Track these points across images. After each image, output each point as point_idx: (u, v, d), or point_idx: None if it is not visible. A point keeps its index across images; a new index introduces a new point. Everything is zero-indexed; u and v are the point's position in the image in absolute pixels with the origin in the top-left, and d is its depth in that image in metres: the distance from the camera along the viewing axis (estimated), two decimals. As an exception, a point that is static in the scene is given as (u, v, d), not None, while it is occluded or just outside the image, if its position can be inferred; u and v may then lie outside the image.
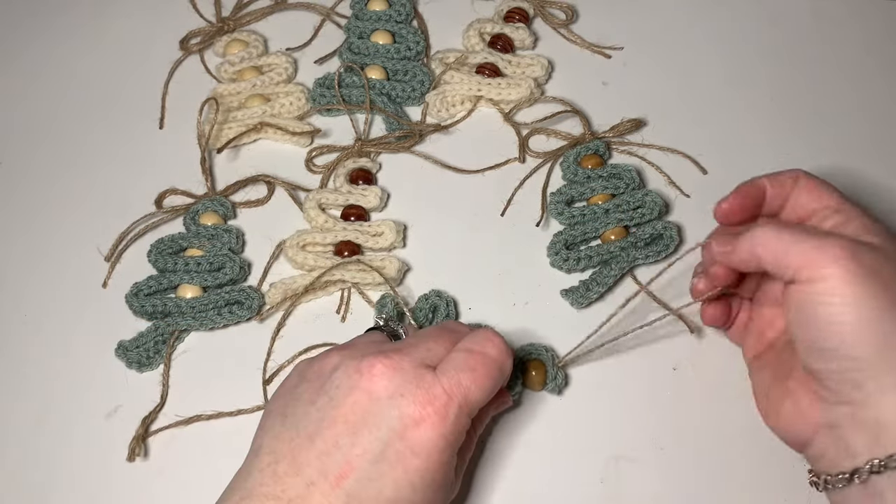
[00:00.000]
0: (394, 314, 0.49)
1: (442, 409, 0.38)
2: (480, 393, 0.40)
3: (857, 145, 0.58)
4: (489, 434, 0.48)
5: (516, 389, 0.48)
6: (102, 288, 0.53)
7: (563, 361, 0.49)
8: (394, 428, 0.37)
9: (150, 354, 0.50)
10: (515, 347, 0.49)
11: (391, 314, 0.48)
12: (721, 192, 0.56)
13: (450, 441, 0.39)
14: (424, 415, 0.38)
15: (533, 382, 0.48)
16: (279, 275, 0.53)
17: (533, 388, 0.49)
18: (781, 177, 0.44)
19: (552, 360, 0.49)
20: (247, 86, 0.59)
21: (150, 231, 0.55)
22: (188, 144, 0.58)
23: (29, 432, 0.48)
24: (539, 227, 0.55)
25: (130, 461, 0.47)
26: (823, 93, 0.60)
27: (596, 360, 0.50)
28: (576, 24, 0.63)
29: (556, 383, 0.48)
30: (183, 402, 0.49)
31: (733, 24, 0.63)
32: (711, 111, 0.59)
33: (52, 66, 0.62)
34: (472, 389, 0.39)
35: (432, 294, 0.51)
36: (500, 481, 0.47)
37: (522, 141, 0.57)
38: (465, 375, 0.39)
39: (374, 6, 0.62)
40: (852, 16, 0.63)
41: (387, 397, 0.38)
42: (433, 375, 0.39)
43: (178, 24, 0.63)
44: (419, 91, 0.59)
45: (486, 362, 0.40)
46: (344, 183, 0.55)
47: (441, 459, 0.38)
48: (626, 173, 0.54)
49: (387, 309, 0.49)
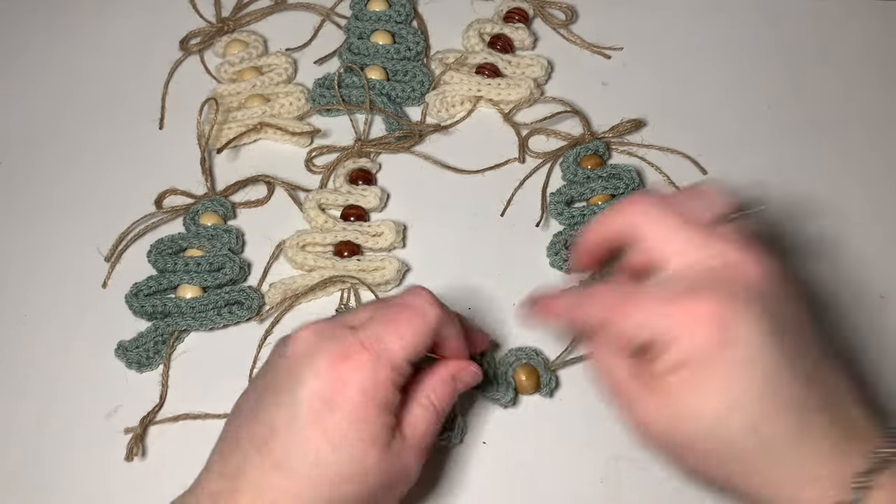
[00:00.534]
0: None
1: (357, 361, 0.37)
2: (401, 342, 0.38)
3: (856, 145, 0.58)
4: (489, 434, 0.48)
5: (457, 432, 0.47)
6: (102, 288, 0.53)
7: (555, 365, 0.49)
8: (310, 386, 0.36)
9: (150, 355, 0.50)
10: (512, 348, 0.49)
11: None
12: (721, 193, 0.56)
13: (370, 395, 0.37)
14: (339, 369, 0.36)
15: (525, 387, 0.48)
16: (279, 275, 0.53)
17: (525, 392, 0.48)
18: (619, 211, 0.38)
19: (544, 364, 0.49)
20: (247, 86, 0.59)
21: (150, 231, 0.55)
22: (188, 145, 0.58)
23: (29, 432, 0.48)
24: (539, 227, 0.55)
25: (129, 461, 0.47)
26: (822, 93, 0.60)
27: (596, 360, 0.50)
28: (575, 24, 0.63)
29: (549, 387, 0.48)
30: (182, 403, 0.49)
31: (733, 25, 0.63)
32: (711, 111, 0.59)
33: (52, 66, 0.62)
34: (391, 340, 0.38)
35: None
36: (500, 481, 0.47)
37: (522, 141, 0.57)
38: (383, 328, 0.38)
39: (373, 6, 0.62)
40: (851, 17, 0.64)
41: (304, 355, 0.37)
42: (351, 331, 0.38)
43: (177, 25, 0.63)
44: (419, 91, 0.59)
45: (407, 313, 0.39)
46: (344, 183, 0.55)
47: (362, 415, 0.36)
48: (625, 174, 0.54)
49: None
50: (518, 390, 0.48)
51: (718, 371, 0.34)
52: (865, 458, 0.34)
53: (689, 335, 0.34)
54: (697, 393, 0.34)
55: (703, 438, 0.35)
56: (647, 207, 0.37)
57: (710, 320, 0.33)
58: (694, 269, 0.35)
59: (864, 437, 0.35)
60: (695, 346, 0.34)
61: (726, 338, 0.33)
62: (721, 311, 0.34)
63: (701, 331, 0.34)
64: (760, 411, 0.34)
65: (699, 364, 0.34)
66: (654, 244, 0.36)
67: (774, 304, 0.35)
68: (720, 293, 0.34)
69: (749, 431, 0.34)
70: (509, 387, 0.48)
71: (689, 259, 0.35)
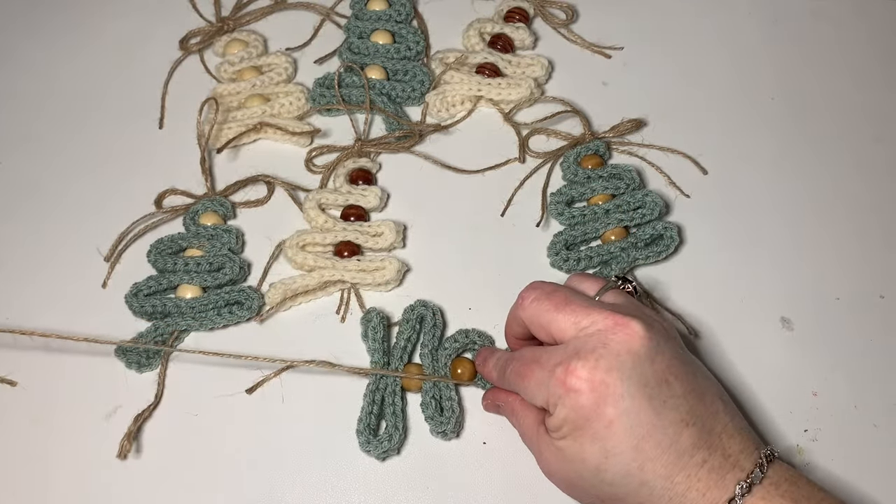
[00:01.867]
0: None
1: None
2: None
3: (858, 143, 0.58)
4: (489, 434, 0.48)
5: None
6: (102, 288, 0.53)
7: None
8: None
9: (150, 355, 0.50)
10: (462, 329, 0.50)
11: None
12: (721, 192, 0.56)
13: None
14: None
15: (461, 377, 0.49)
16: (279, 275, 0.53)
17: (461, 381, 0.49)
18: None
19: None
20: (246, 86, 0.59)
21: (150, 231, 0.55)
22: (188, 144, 0.58)
23: (29, 432, 0.48)
24: (539, 228, 0.55)
25: (122, 459, 0.47)
26: (824, 92, 0.60)
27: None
28: (576, 24, 0.63)
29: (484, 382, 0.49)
30: (181, 402, 0.49)
31: (733, 24, 0.63)
32: (711, 111, 0.59)
33: (52, 66, 0.62)
34: None
35: (418, 304, 0.50)
36: (500, 481, 0.47)
37: (522, 141, 0.57)
38: None
39: (374, 6, 0.62)
40: (853, 15, 0.64)
41: None
42: None
43: (177, 24, 0.63)
44: (419, 91, 0.59)
45: None
46: (344, 183, 0.55)
47: None
48: (626, 173, 0.54)
49: (372, 323, 0.49)
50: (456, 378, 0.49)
51: (596, 427, 0.39)
52: (737, 485, 0.38)
53: (571, 397, 0.39)
54: (579, 445, 0.40)
55: (590, 483, 0.40)
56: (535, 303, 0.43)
57: (588, 384, 0.39)
58: (578, 338, 0.41)
59: (740, 468, 0.39)
60: (576, 405, 0.39)
61: (601, 397, 0.39)
62: (595, 376, 0.39)
63: (580, 394, 0.39)
64: (635, 459, 0.39)
65: (579, 421, 0.39)
66: (550, 327, 0.42)
67: (642, 362, 0.39)
68: (594, 359, 0.39)
69: (626, 477, 0.39)
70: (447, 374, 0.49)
71: (573, 332, 0.41)
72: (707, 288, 0.52)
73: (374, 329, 0.49)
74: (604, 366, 0.39)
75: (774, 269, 0.53)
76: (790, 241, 0.54)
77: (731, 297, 0.52)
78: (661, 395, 0.39)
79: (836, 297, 0.52)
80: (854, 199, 0.56)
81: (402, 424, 0.47)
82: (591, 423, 0.39)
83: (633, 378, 0.39)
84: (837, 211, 0.55)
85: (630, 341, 0.39)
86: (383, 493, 0.47)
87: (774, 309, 0.52)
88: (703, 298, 0.52)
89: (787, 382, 0.49)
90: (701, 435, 0.39)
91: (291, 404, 0.49)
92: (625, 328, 0.40)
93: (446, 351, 0.49)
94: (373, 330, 0.49)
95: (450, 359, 0.49)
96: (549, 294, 0.43)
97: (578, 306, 0.41)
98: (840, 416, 0.48)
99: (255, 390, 0.49)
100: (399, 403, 0.48)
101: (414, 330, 0.50)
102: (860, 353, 0.50)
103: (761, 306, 0.52)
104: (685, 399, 0.39)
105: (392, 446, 0.46)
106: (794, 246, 0.54)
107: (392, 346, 0.49)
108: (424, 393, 0.48)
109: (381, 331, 0.49)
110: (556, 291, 0.43)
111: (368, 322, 0.49)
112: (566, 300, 0.42)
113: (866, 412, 0.49)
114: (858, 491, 0.46)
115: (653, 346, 0.40)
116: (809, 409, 0.49)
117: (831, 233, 0.54)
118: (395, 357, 0.49)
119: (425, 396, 0.48)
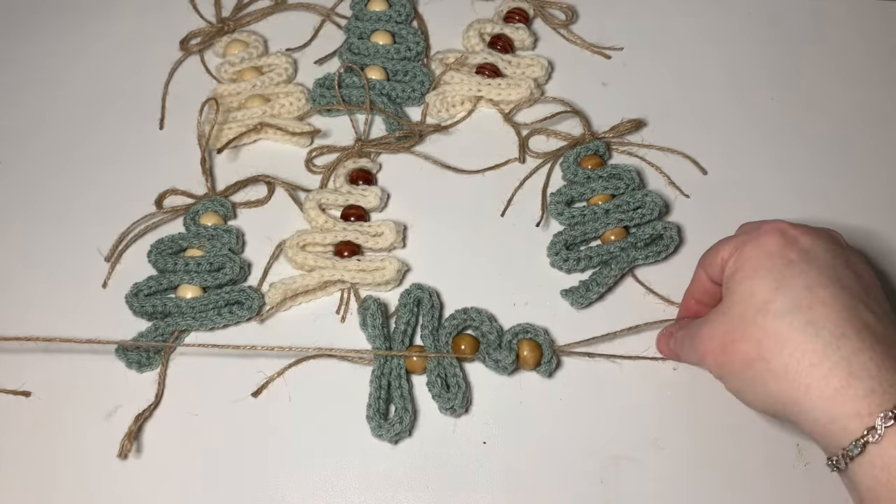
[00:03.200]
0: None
1: None
2: None
3: (857, 143, 0.58)
4: (489, 434, 0.48)
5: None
6: (102, 288, 0.53)
7: (560, 349, 0.49)
8: None
9: (150, 355, 0.50)
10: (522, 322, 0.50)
11: None
12: (721, 192, 0.56)
13: None
14: None
15: (526, 360, 0.49)
16: (279, 275, 0.53)
17: (526, 366, 0.49)
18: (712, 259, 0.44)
19: (549, 343, 0.49)
20: (247, 86, 0.59)
21: (150, 231, 0.55)
22: (188, 145, 0.58)
23: (29, 432, 0.48)
24: (539, 228, 0.55)
25: (122, 458, 0.47)
26: (823, 92, 0.60)
27: (596, 359, 0.50)
28: (576, 24, 0.63)
29: (549, 368, 0.49)
30: (182, 402, 0.49)
31: (733, 25, 0.63)
32: (711, 111, 0.59)
33: (53, 66, 0.62)
34: None
35: (414, 288, 0.51)
36: (500, 481, 0.47)
37: (522, 141, 0.57)
38: None
39: (374, 6, 0.62)
40: (852, 16, 0.64)
41: None
42: None
43: (177, 25, 0.63)
44: (419, 91, 0.59)
45: None
46: (344, 183, 0.55)
47: None
48: (626, 174, 0.54)
49: (370, 311, 0.49)
50: (519, 362, 0.49)
51: (775, 263, 0.39)
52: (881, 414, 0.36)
53: (761, 240, 0.40)
54: (750, 282, 0.39)
55: (752, 322, 0.39)
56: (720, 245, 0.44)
57: (780, 233, 0.40)
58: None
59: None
60: (762, 244, 0.40)
61: (789, 242, 0.40)
62: (788, 230, 0.40)
63: (770, 236, 0.40)
64: (806, 296, 0.38)
65: (761, 259, 0.40)
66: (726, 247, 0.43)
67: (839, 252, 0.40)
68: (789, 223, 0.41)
69: (794, 313, 0.38)
70: (512, 352, 0.48)
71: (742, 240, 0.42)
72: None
73: (373, 316, 0.49)
74: (801, 229, 0.41)
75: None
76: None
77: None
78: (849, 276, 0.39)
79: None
80: (854, 199, 0.56)
81: (410, 406, 0.47)
82: (773, 259, 0.39)
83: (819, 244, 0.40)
84: (837, 211, 0.55)
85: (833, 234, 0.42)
86: (383, 493, 0.47)
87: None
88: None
89: (787, 382, 0.49)
90: (876, 331, 0.37)
91: (291, 404, 0.49)
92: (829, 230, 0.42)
93: (446, 329, 0.49)
94: (371, 317, 0.49)
95: (450, 337, 0.49)
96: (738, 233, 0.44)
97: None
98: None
99: (260, 393, 0.49)
100: (406, 386, 0.48)
101: (412, 313, 0.50)
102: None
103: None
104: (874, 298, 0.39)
105: (403, 428, 0.47)
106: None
107: (392, 331, 0.50)
108: (429, 373, 0.48)
109: (379, 317, 0.49)
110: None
111: (366, 310, 0.49)
112: None
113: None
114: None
115: (848, 251, 0.41)
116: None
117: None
118: (397, 341, 0.49)
119: (430, 376, 0.48)
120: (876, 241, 0.54)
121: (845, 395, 0.36)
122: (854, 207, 0.55)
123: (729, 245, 0.42)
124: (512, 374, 0.49)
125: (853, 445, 0.36)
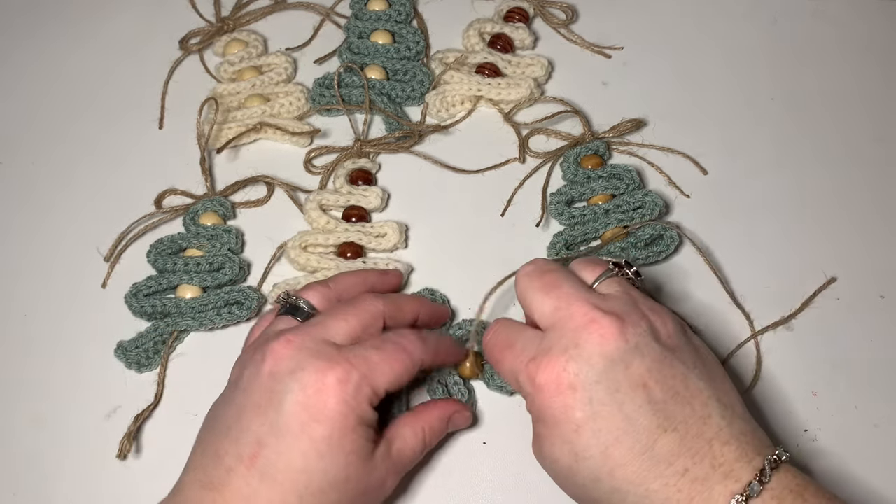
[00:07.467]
0: None
1: (342, 374, 0.39)
2: (385, 369, 0.40)
3: (857, 142, 0.58)
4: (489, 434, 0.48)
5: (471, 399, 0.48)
6: (102, 288, 0.53)
7: None
8: (296, 399, 0.38)
9: (150, 355, 0.50)
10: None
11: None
12: (721, 192, 0.56)
13: (352, 406, 0.39)
14: (324, 382, 0.38)
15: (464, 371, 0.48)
16: (279, 275, 0.53)
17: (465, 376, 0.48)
18: None
19: None
20: (246, 86, 0.59)
21: (150, 231, 0.55)
22: (188, 144, 0.58)
23: (28, 433, 0.48)
24: (539, 227, 0.55)
25: (121, 459, 0.47)
26: (823, 92, 0.60)
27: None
28: (576, 24, 0.63)
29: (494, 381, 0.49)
30: (180, 402, 0.49)
31: (733, 24, 0.63)
32: (711, 111, 0.59)
33: (52, 66, 0.62)
34: (377, 364, 0.40)
35: (425, 292, 0.51)
36: (500, 481, 0.47)
37: (522, 141, 0.57)
38: (371, 352, 0.40)
39: (373, 6, 0.62)
40: (852, 16, 0.63)
41: (288, 373, 0.39)
42: (336, 349, 0.40)
43: (177, 24, 0.63)
44: (419, 91, 0.59)
45: (397, 348, 0.41)
46: (344, 183, 0.55)
47: (345, 424, 0.38)
48: (626, 173, 0.54)
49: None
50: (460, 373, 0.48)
51: (564, 429, 0.38)
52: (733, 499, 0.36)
53: (539, 397, 0.38)
54: (550, 444, 0.39)
55: (563, 482, 0.40)
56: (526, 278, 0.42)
57: (556, 386, 0.38)
58: (554, 331, 0.39)
59: (734, 478, 0.37)
60: (543, 405, 0.38)
61: (568, 401, 0.38)
62: (563, 379, 0.38)
63: (548, 396, 0.38)
64: (605, 464, 0.37)
65: (549, 421, 0.39)
66: (531, 307, 0.41)
67: (615, 366, 0.38)
68: (565, 360, 0.38)
69: (597, 481, 0.38)
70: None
71: (552, 321, 0.40)
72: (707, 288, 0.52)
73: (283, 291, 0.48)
74: (573, 369, 0.38)
75: (773, 268, 0.53)
76: (789, 241, 0.54)
77: (730, 296, 0.52)
78: (634, 400, 0.37)
79: (836, 298, 0.52)
80: (854, 199, 0.56)
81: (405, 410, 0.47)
82: (560, 425, 0.38)
83: (602, 383, 0.37)
84: (837, 211, 0.55)
85: (604, 343, 0.38)
86: (383, 494, 0.47)
87: (774, 309, 0.52)
88: (702, 298, 0.52)
89: (786, 382, 0.49)
90: (683, 442, 0.37)
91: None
92: (600, 328, 0.38)
93: None
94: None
95: None
96: (543, 273, 0.41)
97: (565, 293, 0.40)
98: (840, 416, 0.48)
99: None
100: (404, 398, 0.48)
101: None
102: (860, 353, 0.50)
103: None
104: (665, 405, 0.38)
105: None
106: (794, 246, 0.54)
107: None
108: (430, 379, 0.48)
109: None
110: (550, 273, 0.41)
111: None
112: (556, 283, 0.40)
113: (866, 412, 0.49)
114: (859, 491, 0.46)
115: (629, 349, 0.38)
116: (809, 409, 0.49)
117: (831, 233, 0.54)
118: None
119: (431, 382, 0.48)
120: (877, 241, 0.54)
121: None
122: (854, 208, 0.55)
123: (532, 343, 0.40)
124: None
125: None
